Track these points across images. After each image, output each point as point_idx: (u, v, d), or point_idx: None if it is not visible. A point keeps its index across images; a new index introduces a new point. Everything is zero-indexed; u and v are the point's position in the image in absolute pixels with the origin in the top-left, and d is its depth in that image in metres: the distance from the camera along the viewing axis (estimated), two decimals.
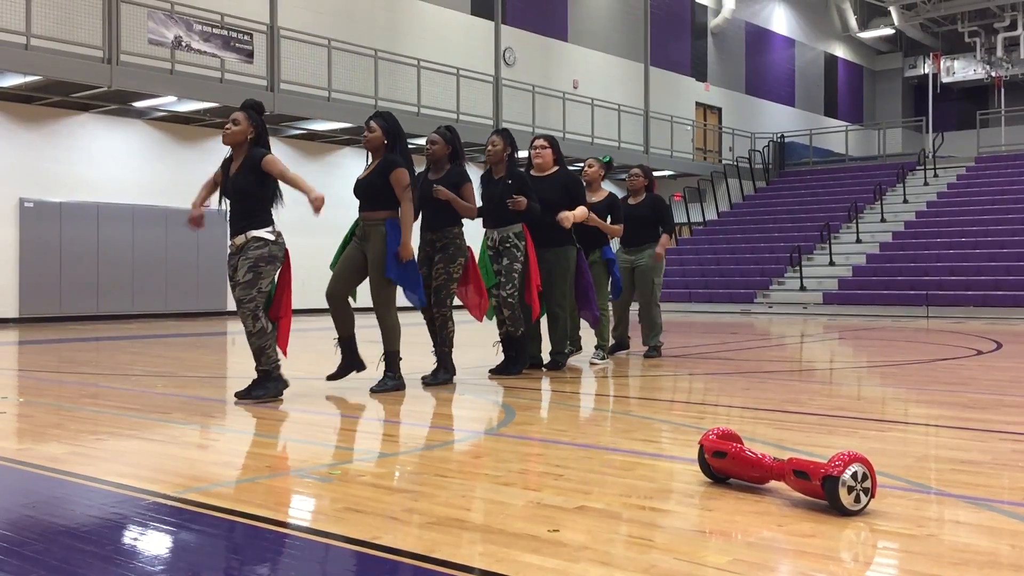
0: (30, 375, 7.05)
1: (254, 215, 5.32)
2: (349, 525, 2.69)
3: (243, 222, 5.33)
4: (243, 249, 5.31)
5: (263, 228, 5.32)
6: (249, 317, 5.26)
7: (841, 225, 20.92)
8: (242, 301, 5.25)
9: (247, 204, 5.32)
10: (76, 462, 3.61)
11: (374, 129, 5.78)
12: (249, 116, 5.38)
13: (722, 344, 10.09)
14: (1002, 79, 32.48)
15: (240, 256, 5.30)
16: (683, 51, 27.55)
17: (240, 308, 5.27)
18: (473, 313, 6.42)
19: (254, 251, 5.26)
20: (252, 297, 5.24)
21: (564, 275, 6.92)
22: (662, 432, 4.38)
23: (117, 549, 2.52)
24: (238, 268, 5.28)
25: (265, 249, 5.27)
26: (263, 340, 5.30)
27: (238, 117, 5.37)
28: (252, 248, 5.27)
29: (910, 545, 2.51)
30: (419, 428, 4.69)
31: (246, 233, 5.30)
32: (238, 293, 5.26)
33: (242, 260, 5.26)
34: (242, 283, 5.23)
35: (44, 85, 13.76)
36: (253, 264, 5.23)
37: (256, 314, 5.26)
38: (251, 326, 5.27)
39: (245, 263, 5.24)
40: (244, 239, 5.30)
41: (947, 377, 6.79)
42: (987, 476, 3.35)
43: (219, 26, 15.40)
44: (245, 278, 5.22)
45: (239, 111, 5.40)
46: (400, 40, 19.57)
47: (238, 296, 5.25)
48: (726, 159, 26.81)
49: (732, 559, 2.37)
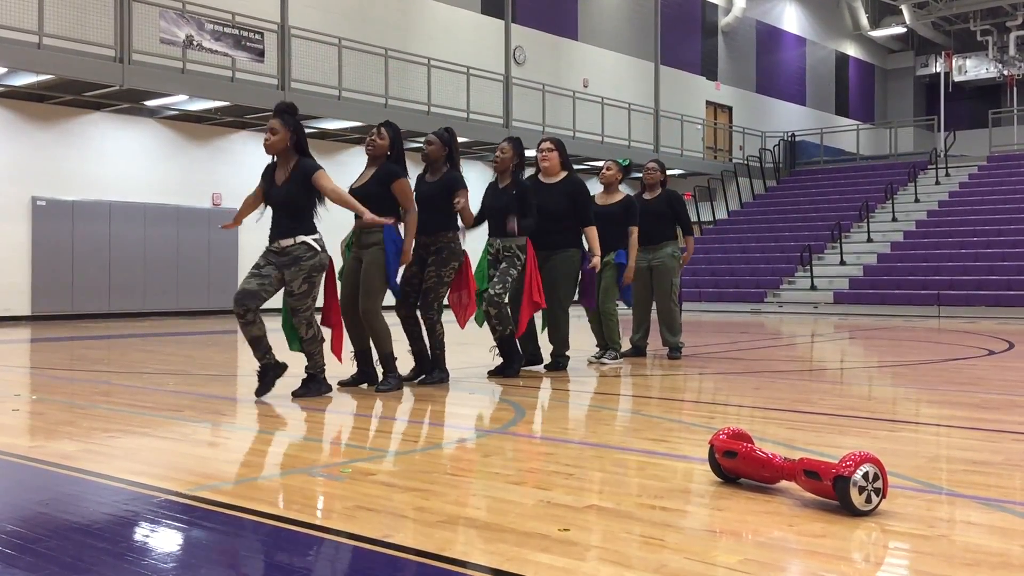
0: (42, 373, 7.08)
1: (301, 222, 5.41)
2: (360, 523, 2.70)
3: (290, 227, 5.39)
4: (290, 254, 5.35)
5: (311, 234, 5.42)
6: (303, 324, 5.43)
7: (852, 224, 20.85)
8: (298, 311, 5.41)
9: (293, 212, 5.39)
10: (88, 459, 3.62)
11: (384, 137, 5.87)
12: (285, 121, 5.40)
13: (732, 344, 10.07)
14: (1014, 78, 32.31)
15: (290, 264, 5.35)
16: (694, 50, 27.49)
17: (296, 317, 5.42)
18: (457, 317, 6.40)
19: (307, 260, 5.36)
20: (308, 306, 5.43)
21: (568, 278, 6.90)
22: (673, 431, 4.37)
23: (129, 546, 2.53)
24: (291, 278, 5.34)
25: (316, 259, 5.40)
26: (313, 346, 5.49)
27: (275, 125, 5.39)
28: (305, 258, 5.35)
29: (921, 546, 2.51)
30: (428, 427, 4.69)
31: (295, 237, 5.37)
32: (294, 303, 5.40)
33: (295, 270, 5.34)
34: (297, 294, 5.37)
35: (56, 84, 13.81)
36: (307, 275, 5.37)
37: (311, 321, 5.46)
38: (304, 333, 5.45)
39: (299, 273, 5.34)
40: (292, 242, 5.36)
41: (959, 377, 6.76)
42: (999, 477, 3.34)
43: (230, 25, 15.44)
44: (301, 289, 5.37)
45: (274, 118, 5.41)
46: (410, 39, 19.58)
47: (294, 305, 5.40)
48: (736, 158, 26.75)
49: (743, 559, 2.37)
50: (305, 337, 5.45)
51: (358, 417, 4.91)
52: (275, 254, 5.39)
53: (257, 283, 5.31)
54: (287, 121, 5.40)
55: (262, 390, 5.40)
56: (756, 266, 20.06)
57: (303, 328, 5.43)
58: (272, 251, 5.41)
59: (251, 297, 5.28)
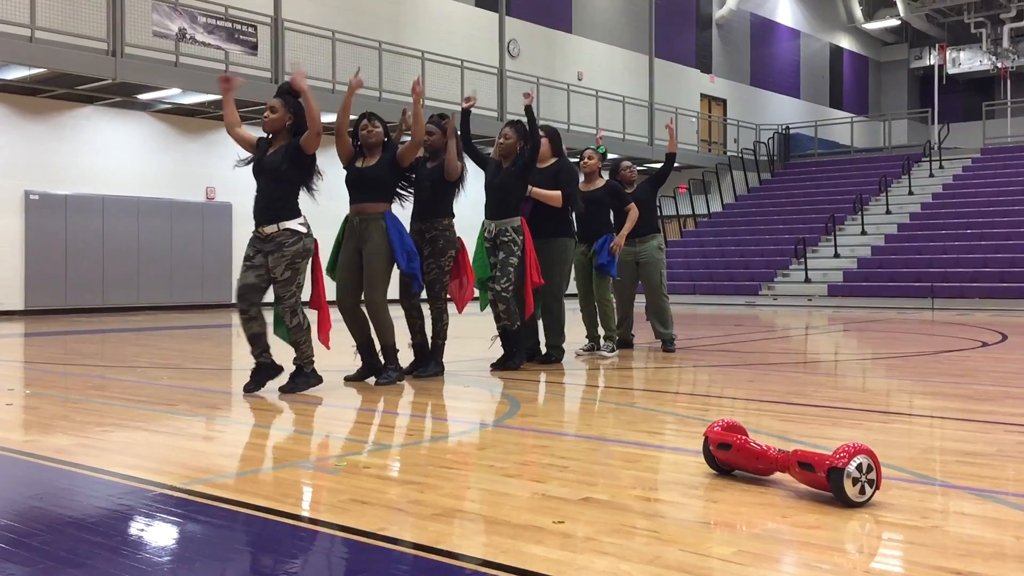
0: (36, 367, 7.07)
1: (284, 203, 5.31)
2: (355, 516, 2.70)
3: (273, 210, 5.30)
4: (273, 240, 5.28)
5: (294, 219, 5.33)
6: (288, 312, 5.33)
7: (846, 217, 20.87)
8: (282, 298, 5.31)
9: (279, 187, 5.29)
10: (82, 453, 3.62)
11: (377, 126, 6.00)
12: (285, 102, 5.37)
13: (727, 336, 10.08)
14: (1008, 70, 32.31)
15: (274, 251, 5.27)
16: (688, 42, 27.47)
17: (280, 304, 5.33)
18: (456, 303, 6.40)
19: (290, 247, 5.26)
20: (292, 293, 5.32)
21: (560, 267, 6.89)
22: (667, 424, 4.38)
23: (124, 540, 2.53)
24: (274, 264, 5.26)
25: (299, 244, 5.29)
26: (299, 335, 5.37)
27: (275, 104, 5.36)
28: (288, 244, 5.27)
29: (915, 537, 2.51)
30: (424, 420, 4.69)
31: (278, 224, 5.29)
32: (277, 290, 5.31)
33: (278, 256, 5.25)
34: (280, 280, 5.28)
35: (49, 77, 13.76)
36: (290, 261, 5.27)
37: (295, 309, 5.34)
38: (289, 321, 5.35)
39: (282, 260, 5.25)
40: (276, 229, 5.29)
41: (952, 369, 6.78)
42: (992, 468, 3.35)
43: (223, 18, 15.39)
44: (284, 276, 5.27)
45: (275, 98, 5.39)
46: (404, 32, 19.54)
47: (277, 292, 5.31)
48: (731, 151, 26.74)
49: (737, 550, 2.38)
50: (290, 326, 5.34)
51: (353, 410, 4.91)
52: (260, 240, 5.33)
53: (255, 276, 5.28)
54: (288, 102, 5.37)
55: (251, 387, 5.33)
56: (750, 259, 20.08)
57: (288, 316, 5.32)
58: (257, 238, 5.35)
59: (253, 291, 5.26)
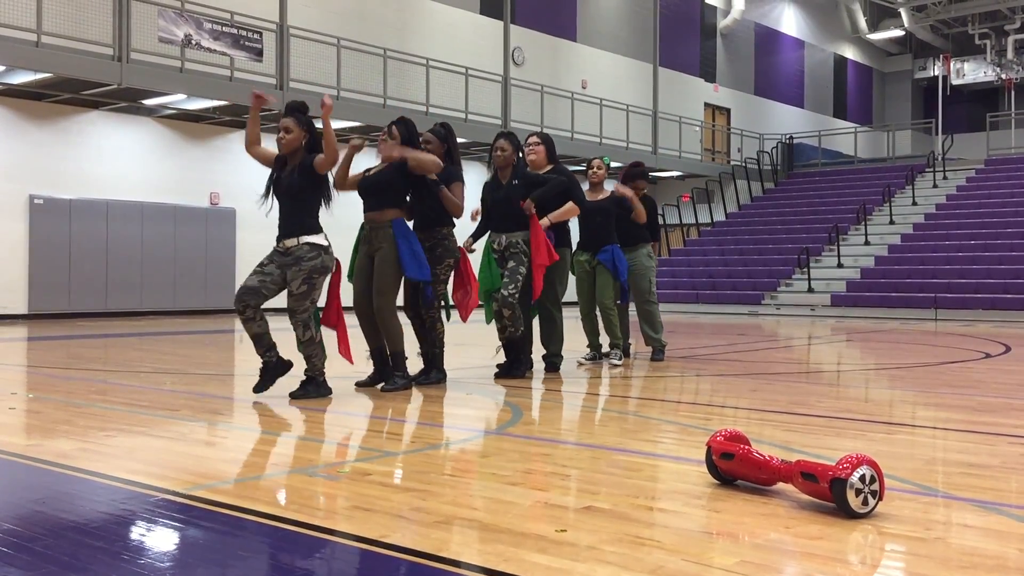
0: (39, 371, 7.07)
1: (305, 219, 5.37)
2: (357, 523, 2.70)
3: (294, 225, 5.36)
4: (293, 254, 5.32)
5: (315, 234, 5.38)
6: (300, 326, 5.37)
7: (849, 227, 20.86)
8: (295, 312, 5.34)
9: (296, 205, 5.36)
10: (85, 458, 3.62)
11: (396, 136, 5.97)
12: (298, 120, 5.42)
13: (729, 345, 10.07)
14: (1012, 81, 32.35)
15: (292, 264, 5.31)
16: (692, 52, 27.50)
17: (293, 318, 5.36)
18: (460, 313, 6.41)
19: (308, 262, 5.31)
20: (306, 308, 5.35)
21: (560, 277, 6.90)
22: (669, 433, 4.38)
23: (126, 545, 2.53)
24: (292, 278, 5.30)
25: (319, 260, 5.34)
26: (311, 349, 5.42)
27: (288, 124, 5.41)
28: (307, 259, 5.31)
29: (918, 548, 2.51)
30: (427, 427, 4.69)
31: (298, 237, 5.34)
32: (291, 303, 5.34)
33: (296, 270, 5.30)
34: (296, 294, 5.31)
35: (54, 82, 13.80)
36: (308, 276, 5.31)
37: (307, 324, 5.38)
38: (301, 335, 5.38)
39: (299, 274, 5.29)
40: (296, 242, 5.34)
41: (955, 380, 6.77)
42: (995, 480, 3.34)
43: (229, 24, 15.43)
44: (300, 289, 5.30)
45: (287, 117, 5.42)
46: (409, 39, 19.58)
47: (291, 306, 5.35)
48: (734, 160, 26.76)
49: (739, 560, 2.37)
50: (302, 339, 5.40)
51: (357, 417, 4.91)
52: (280, 254, 5.39)
53: (258, 280, 5.31)
54: (300, 120, 5.43)
55: (260, 387, 5.40)
56: (753, 268, 20.07)
57: (299, 330, 5.38)
58: (278, 251, 5.41)
59: (251, 294, 5.27)
